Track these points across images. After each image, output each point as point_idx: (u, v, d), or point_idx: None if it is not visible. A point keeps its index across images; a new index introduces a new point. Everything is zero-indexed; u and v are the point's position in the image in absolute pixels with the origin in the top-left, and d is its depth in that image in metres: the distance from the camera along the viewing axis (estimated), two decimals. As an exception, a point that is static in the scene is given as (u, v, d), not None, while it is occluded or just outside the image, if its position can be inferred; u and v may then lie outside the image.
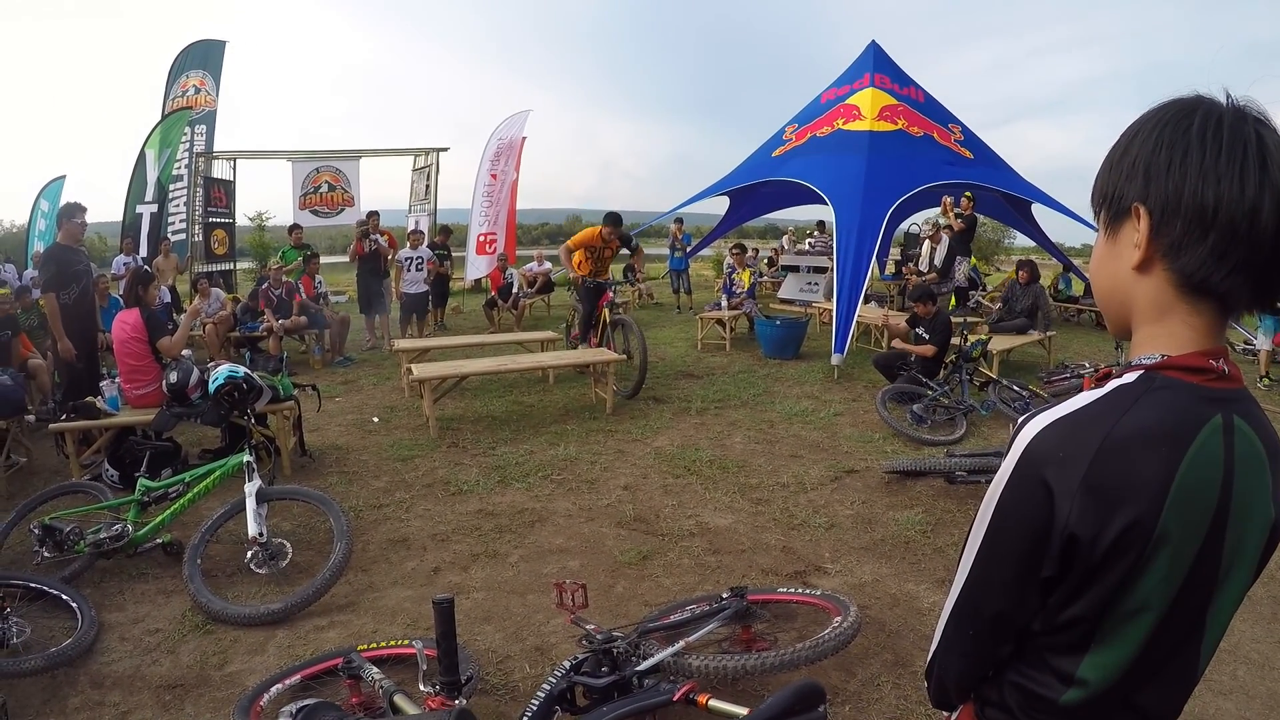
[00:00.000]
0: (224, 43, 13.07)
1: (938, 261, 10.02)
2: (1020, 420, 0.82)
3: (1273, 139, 0.74)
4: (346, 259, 10.17)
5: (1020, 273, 8.46)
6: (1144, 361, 0.80)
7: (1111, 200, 0.82)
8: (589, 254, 7.26)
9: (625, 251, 7.67)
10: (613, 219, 7.20)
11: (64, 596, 3.13)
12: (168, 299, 8.70)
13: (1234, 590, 0.82)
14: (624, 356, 6.76)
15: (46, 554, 3.43)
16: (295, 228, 10.72)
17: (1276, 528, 0.82)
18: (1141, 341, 0.82)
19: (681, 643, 2.42)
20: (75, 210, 5.34)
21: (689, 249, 13.20)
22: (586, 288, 7.25)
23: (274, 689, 2.52)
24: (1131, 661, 0.80)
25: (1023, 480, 0.79)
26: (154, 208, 11.13)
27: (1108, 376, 0.82)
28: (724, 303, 9.83)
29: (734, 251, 11.01)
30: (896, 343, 7.02)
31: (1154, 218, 0.77)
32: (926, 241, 10.74)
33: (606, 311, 7.17)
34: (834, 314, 7.67)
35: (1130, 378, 0.79)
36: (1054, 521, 0.76)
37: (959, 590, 0.87)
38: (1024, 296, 8.11)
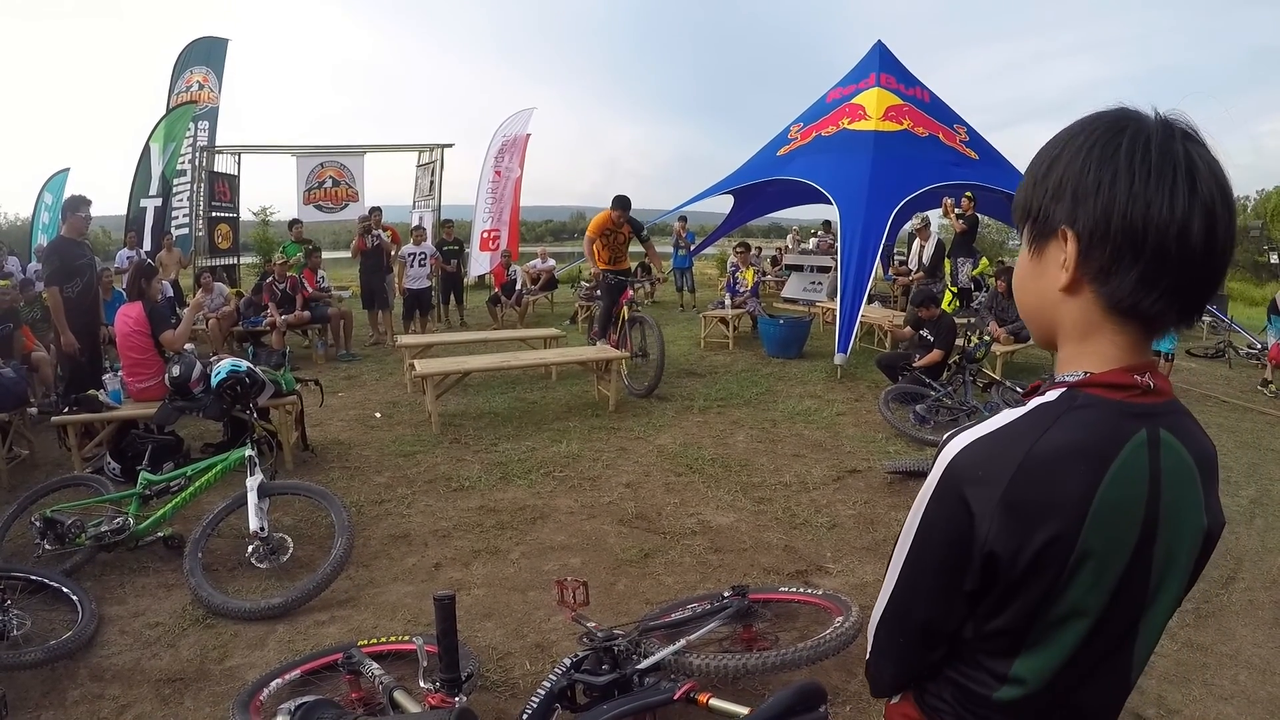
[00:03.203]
0: (226, 40, 13.13)
1: (925, 260, 9.87)
2: (945, 437, 0.82)
3: (1201, 156, 0.73)
4: (349, 254, 10.16)
5: (998, 282, 7.78)
6: (1067, 379, 0.80)
7: (1037, 219, 0.80)
8: (605, 241, 7.18)
9: (639, 248, 7.59)
10: (620, 202, 7.06)
11: (64, 589, 3.13)
12: (170, 293, 8.71)
13: (1167, 598, 0.83)
14: (628, 354, 6.74)
15: (48, 546, 3.42)
16: (295, 222, 10.70)
17: (1210, 536, 0.83)
18: (1066, 359, 0.82)
19: (682, 641, 2.41)
20: (80, 204, 5.34)
21: (693, 247, 13.17)
22: (608, 283, 7.14)
23: (274, 684, 2.51)
24: (1063, 665, 0.80)
25: (944, 497, 0.79)
26: (158, 201, 11.15)
27: (1036, 391, 0.82)
28: (727, 301, 9.82)
29: (738, 250, 11.00)
30: (898, 330, 6.99)
31: (1082, 242, 0.75)
32: (915, 239, 10.49)
33: (625, 309, 7.10)
34: (838, 314, 7.66)
35: (1052, 395, 0.79)
36: (974, 539, 0.76)
37: (887, 597, 0.88)
38: (1011, 310, 7.19)
